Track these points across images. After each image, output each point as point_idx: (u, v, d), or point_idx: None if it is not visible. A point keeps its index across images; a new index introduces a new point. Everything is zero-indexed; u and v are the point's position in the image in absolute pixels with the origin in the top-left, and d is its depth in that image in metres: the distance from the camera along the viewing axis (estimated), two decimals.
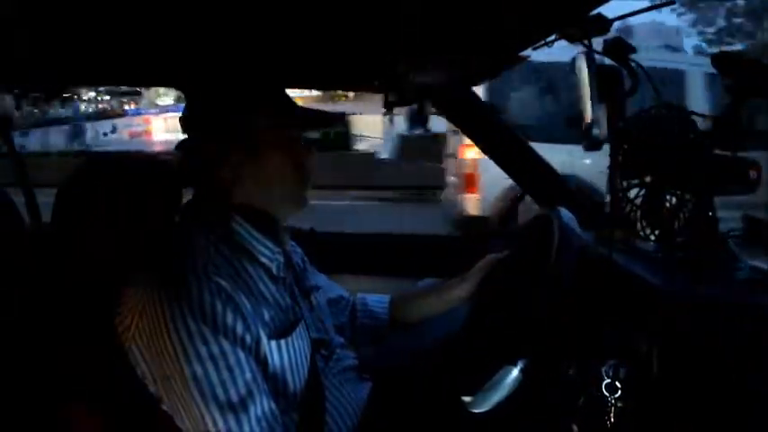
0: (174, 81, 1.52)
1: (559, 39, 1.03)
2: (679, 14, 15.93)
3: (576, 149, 1.17)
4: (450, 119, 1.74)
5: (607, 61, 1.08)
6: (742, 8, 16.23)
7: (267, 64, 1.21)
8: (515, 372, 0.99)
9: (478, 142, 1.68)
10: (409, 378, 1.27)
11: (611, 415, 0.93)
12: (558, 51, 1.17)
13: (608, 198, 1.18)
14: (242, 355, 0.86)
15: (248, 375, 0.86)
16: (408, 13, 0.89)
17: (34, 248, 1.21)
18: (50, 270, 1.03)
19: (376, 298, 1.36)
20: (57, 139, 18.88)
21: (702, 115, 1.07)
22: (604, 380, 0.94)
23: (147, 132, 25.06)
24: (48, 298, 1.00)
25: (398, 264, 1.87)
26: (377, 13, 0.89)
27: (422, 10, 0.87)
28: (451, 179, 5.42)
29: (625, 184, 1.14)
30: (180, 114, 1.03)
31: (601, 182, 1.25)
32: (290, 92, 1.11)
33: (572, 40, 0.97)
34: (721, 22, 16.91)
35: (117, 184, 1.03)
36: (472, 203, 4.77)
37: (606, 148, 1.03)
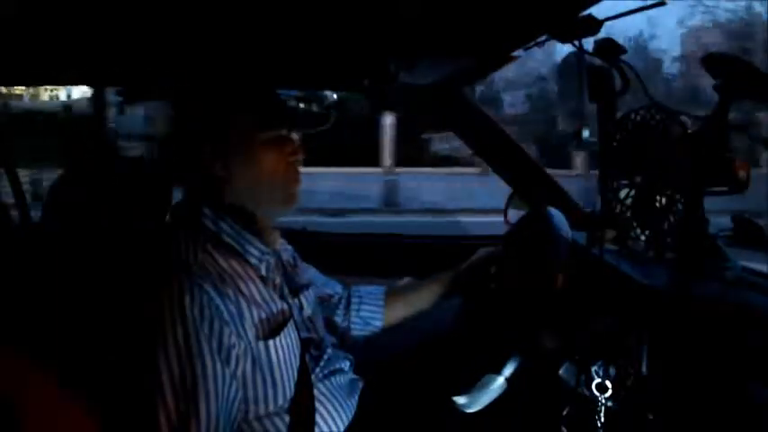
0: (166, 80, 1.52)
1: (549, 39, 1.03)
2: None
3: None
4: (440, 119, 1.74)
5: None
6: None
7: (257, 63, 1.21)
8: (506, 372, 0.99)
9: (469, 142, 1.68)
10: (401, 377, 1.27)
11: (601, 414, 0.93)
12: None
13: (598, 198, 1.18)
14: (217, 358, 0.86)
15: (209, 372, 0.85)
16: (399, 14, 0.89)
17: (24, 248, 1.21)
18: (41, 270, 1.03)
19: (370, 289, 1.36)
20: None
21: (692, 115, 1.07)
22: (594, 379, 0.94)
23: None
24: (39, 298, 1.00)
25: (391, 264, 1.87)
26: (368, 13, 0.89)
27: (412, 11, 0.87)
28: None
29: (615, 184, 1.15)
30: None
31: None
32: None
33: (562, 40, 0.97)
34: None
35: (106, 185, 1.02)
36: None
37: None
